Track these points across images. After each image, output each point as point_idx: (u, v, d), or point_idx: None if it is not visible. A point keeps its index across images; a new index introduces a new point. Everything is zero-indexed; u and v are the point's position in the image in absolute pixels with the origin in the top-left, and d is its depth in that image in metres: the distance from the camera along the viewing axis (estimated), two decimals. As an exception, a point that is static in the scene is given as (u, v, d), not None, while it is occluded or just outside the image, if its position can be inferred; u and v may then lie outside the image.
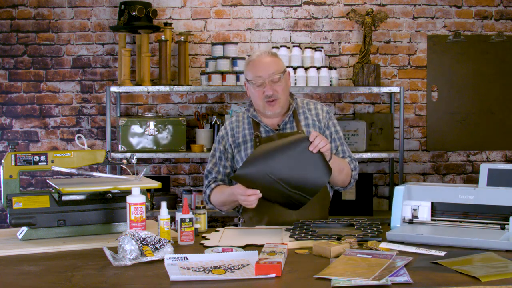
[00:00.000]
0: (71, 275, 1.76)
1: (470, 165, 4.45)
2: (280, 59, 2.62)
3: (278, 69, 2.56)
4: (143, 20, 4.08)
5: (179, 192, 4.37)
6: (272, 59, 2.57)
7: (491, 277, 1.65)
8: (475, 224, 2.19)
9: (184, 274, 1.71)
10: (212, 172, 2.67)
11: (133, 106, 4.38)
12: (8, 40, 4.34)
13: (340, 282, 1.62)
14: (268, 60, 2.56)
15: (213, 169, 2.68)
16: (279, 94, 2.55)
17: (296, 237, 2.15)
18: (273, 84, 2.54)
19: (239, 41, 4.35)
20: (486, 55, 4.41)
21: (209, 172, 2.68)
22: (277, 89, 2.54)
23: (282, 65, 2.60)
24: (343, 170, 2.56)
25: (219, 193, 2.59)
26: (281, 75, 2.55)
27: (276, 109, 2.57)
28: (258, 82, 2.54)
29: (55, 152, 2.28)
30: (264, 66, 2.54)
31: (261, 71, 2.53)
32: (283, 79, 2.56)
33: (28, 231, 2.21)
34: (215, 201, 2.62)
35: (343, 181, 2.60)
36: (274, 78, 2.53)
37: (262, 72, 2.53)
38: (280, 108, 2.58)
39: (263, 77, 2.53)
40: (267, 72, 2.53)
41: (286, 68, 2.65)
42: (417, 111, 4.44)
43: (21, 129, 4.36)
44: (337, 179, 2.56)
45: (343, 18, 4.38)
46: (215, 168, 2.67)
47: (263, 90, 2.54)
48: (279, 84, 2.55)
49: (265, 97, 2.54)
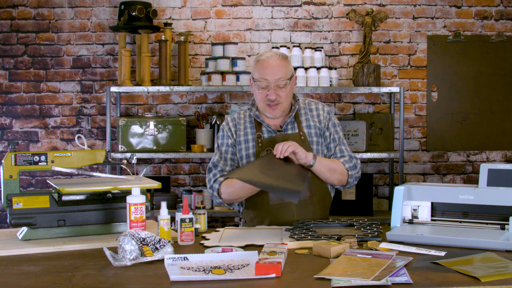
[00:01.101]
0: (71, 275, 1.76)
1: (470, 165, 4.45)
2: (289, 63, 2.59)
3: (286, 75, 2.53)
4: (143, 20, 4.08)
5: (179, 192, 4.37)
6: (282, 63, 2.54)
7: (491, 277, 1.65)
8: (475, 224, 2.19)
9: (184, 274, 1.71)
10: (218, 165, 2.61)
11: (133, 106, 4.38)
12: (8, 40, 4.34)
13: (340, 282, 1.62)
14: (277, 63, 2.53)
15: (219, 161, 2.62)
16: (281, 99, 2.54)
17: (296, 237, 2.15)
18: (278, 89, 2.53)
19: (239, 41, 4.35)
20: (486, 55, 4.41)
21: (215, 166, 2.61)
22: (281, 94, 2.53)
23: (290, 70, 2.58)
24: (336, 169, 2.56)
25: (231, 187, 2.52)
26: (287, 81, 2.53)
27: (276, 113, 2.57)
28: (263, 85, 2.53)
29: (55, 152, 2.28)
30: (271, 70, 2.52)
31: (268, 74, 2.51)
32: (288, 85, 2.55)
33: (28, 231, 2.21)
34: (227, 193, 2.54)
35: (339, 180, 2.59)
36: (279, 83, 2.52)
37: (269, 76, 2.51)
38: (280, 112, 2.58)
39: (269, 80, 2.51)
40: (274, 76, 2.51)
41: (294, 72, 2.62)
42: (417, 111, 4.44)
43: (21, 129, 4.36)
44: (331, 178, 2.57)
45: (343, 18, 4.38)
46: (221, 160, 2.62)
47: (266, 93, 2.53)
48: (284, 90, 2.53)
49: (267, 100, 2.54)
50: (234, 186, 2.51)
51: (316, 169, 2.51)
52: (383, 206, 4.42)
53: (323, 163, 2.52)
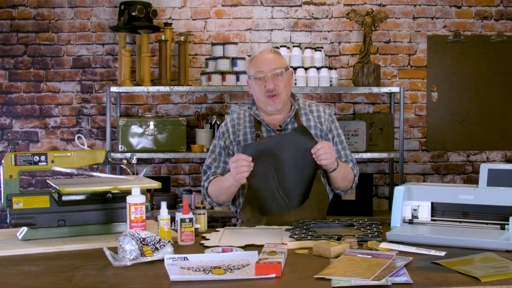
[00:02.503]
0: (71, 275, 1.76)
1: (470, 165, 4.45)
2: (282, 56, 2.64)
3: (280, 64, 2.57)
4: (143, 20, 4.08)
5: (179, 192, 4.37)
6: (274, 56, 2.59)
7: (491, 277, 1.65)
8: (475, 224, 2.19)
9: (184, 274, 1.71)
10: (211, 167, 2.66)
11: (133, 106, 4.38)
12: (8, 40, 4.34)
13: (340, 282, 1.62)
14: (271, 56, 2.58)
15: (212, 163, 2.66)
16: (280, 89, 2.54)
17: (296, 237, 2.14)
18: (275, 79, 2.54)
19: (239, 41, 4.35)
20: (486, 55, 4.41)
21: (208, 167, 2.67)
22: (279, 84, 2.54)
23: (284, 62, 2.62)
24: (347, 177, 2.59)
25: (215, 183, 2.58)
26: (283, 70, 2.56)
27: (277, 105, 2.56)
28: (260, 76, 2.55)
29: (55, 152, 2.28)
30: (266, 62, 2.56)
31: (263, 66, 2.55)
32: (285, 75, 2.57)
33: (28, 231, 2.21)
34: (212, 192, 2.59)
35: (345, 186, 2.64)
36: (276, 72, 2.54)
37: (264, 67, 2.55)
38: (281, 104, 2.57)
39: (265, 71, 2.54)
40: (269, 67, 2.54)
41: (289, 66, 2.66)
42: (417, 111, 4.44)
43: (21, 129, 4.36)
44: (340, 185, 2.61)
45: (343, 18, 4.38)
46: (215, 163, 2.66)
47: (264, 85, 2.54)
48: (281, 79, 2.55)
49: (266, 91, 2.54)
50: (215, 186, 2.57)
51: (334, 175, 2.54)
52: (383, 206, 4.43)
53: (340, 170, 2.53)
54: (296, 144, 2.38)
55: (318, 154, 2.35)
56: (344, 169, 2.56)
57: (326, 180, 2.63)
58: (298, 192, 2.43)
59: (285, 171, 2.39)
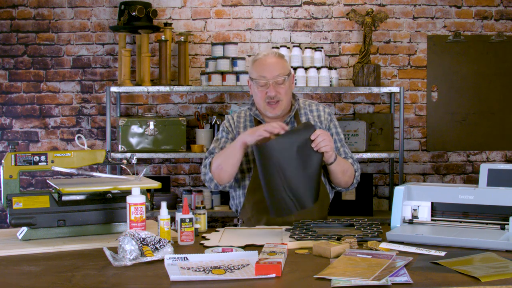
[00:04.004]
0: (71, 275, 1.76)
1: (470, 165, 4.45)
2: (286, 61, 2.62)
3: (283, 71, 2.55)
4: (143, 20, 4.08)
5: (179, 192, 4.37)
6: (278, 61, 2.56)
7: (491, 277, 1.65)
8: (475, 224, 2.19)
9: (184, 274, 1.71)
10: (215, 153, 2.60)
11: (133, 106, 4.38)
12: (8, 40, 4.34)
13: (340, 282, 1.62)
14: (274, 61, 2.55)
15: (216, 148, 2.62)
16: (281, 96, 2.54)
17: (296, 237, 2.14)
18: (277, 86, 2.53)
19: (239, 41, 4.35)
20: (486, 55, 4.41)
21: (211, 153, 2.61)
22: (280, 91, 2.54)
23: (287, 67, 2.60)
24: (347, 171, 2.58)
25: (219, 155, 2.52)
26: (286, 77, 2.55)
27: (276, 112, 2.57)
28: (262, 82, 2.54)
29: (55, 152, 2.28)
30: (269, 67, 2.53)
31: (265, 72, 2.53)
32: (287, 82, 2.56)
33: (28, 231, 2.21)
34: (215, 168, 2.51)
35: (346, 182, 2.61)
36: (278, 80, 2.53)
37: (267, 73, 2.53)
38: (280, 111, 2.58)
39: (267, 77, 2.53)
40: (272, 73, 2.53)
41: (291, 70, 2.64)
42: (417, 111, 4.44)
43: (21, 129, 4.36)
44: (340, 180, 2.58)
45: (343, 18, 4.38)
46: (218, 148, 2.61)
47: (265, 91, 2.54)
48: (283, 87, 2.54)
49: (267, 98, 2.54)
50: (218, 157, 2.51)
51: (333, 168, 2.52)
52: (383, 206, 4.43)
53: (339, 162, 2.51)
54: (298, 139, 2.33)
55: (318, 141, 2.30)
56: (343, 162, 2.55)
57: (327, 179, 2.63)
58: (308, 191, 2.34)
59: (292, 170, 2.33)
